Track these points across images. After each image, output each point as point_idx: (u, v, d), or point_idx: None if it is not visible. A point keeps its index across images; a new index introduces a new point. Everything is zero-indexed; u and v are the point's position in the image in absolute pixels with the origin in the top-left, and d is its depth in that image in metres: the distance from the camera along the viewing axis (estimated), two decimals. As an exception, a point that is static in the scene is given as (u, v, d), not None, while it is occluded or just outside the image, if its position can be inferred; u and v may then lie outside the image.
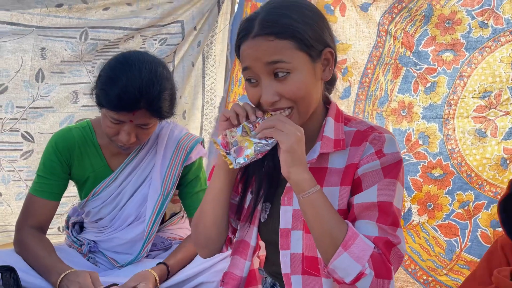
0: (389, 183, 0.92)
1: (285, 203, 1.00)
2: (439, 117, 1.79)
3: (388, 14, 1.86)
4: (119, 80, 1.24)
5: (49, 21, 1.93)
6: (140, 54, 1.34)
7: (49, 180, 1.43)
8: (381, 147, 0.93)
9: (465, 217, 1.75)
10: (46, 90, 2.00)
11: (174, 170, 1.46)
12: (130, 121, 1.29)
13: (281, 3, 0.93)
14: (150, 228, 1.45)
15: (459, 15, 1.73)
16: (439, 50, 1.78)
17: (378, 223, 0.90)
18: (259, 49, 0.89)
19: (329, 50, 0.94)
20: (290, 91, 0.90)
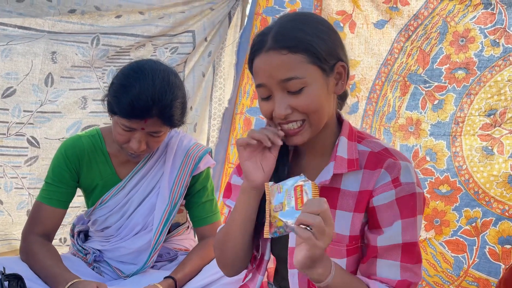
0: (410, 223, 0.92)
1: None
2: (447, 135, 1.82)
3: (405, 31, 1.90)
4: (132, 87, 1.24)
5: (61, 26, 1.92)
6: (153, 63, 1.35)
7: (58, 188, 1.42)
8: (398, 175, 0.92)
9: (473, 234, 1.76)
10: (54, 95, 1.97)
11: (183, 180, 1.46)
12: (141, 129, 1.29)
13: (294, 18, 0.94)
14: (157, 237, 1.44)
15: (473, 33, 1.78)
16: (453, 68, 1.83)
17: (403, 262, 0.92)
18: (272, 64, 0.89)
19: (341, 64, 0.94)
20: (303, 104, 0.90)
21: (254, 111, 2.19)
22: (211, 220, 1.51)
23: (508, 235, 1.70)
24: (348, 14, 2.02)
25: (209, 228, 1.50)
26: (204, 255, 1.44)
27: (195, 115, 2.26)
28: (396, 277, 0.91)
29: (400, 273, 0.91)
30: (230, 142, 2.26)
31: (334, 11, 2.03)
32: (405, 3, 1.88)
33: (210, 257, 1.43)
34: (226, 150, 2.25)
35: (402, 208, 0.92)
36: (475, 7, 1.76)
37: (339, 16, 2.03)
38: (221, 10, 2.22)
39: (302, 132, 0.93)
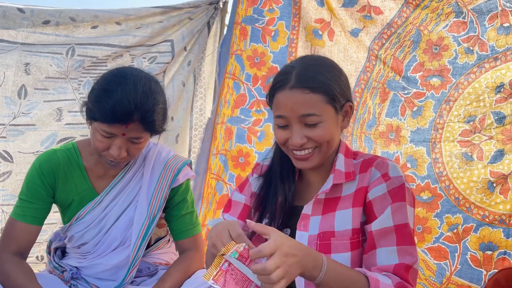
0: (399, 206, 1.02)
1: (301, 229, 1.09)
2: (427, 141, 1.83)
3: (378, 40, 1.91)
4: (114, 92, 1.23)
5: (35, 38, 1.88)
6: (135, 70, 1.34)
7: (32, 204, 1.37)
8: (386, 170, 1.06)
9: (455, 240, 1.76)
10: (28, 107, 1.92)
11: (161, 193, 1.43)
12: (122, 135, 1.26)
13: (315, 61, 1.10)
14: (135, 253, 1.40)
15: (446, 41, 1.80)
16: (427, 76, 1.84)
17: (399, 245, 1.00)
18: (295, 101, 1.03)
19: (349, 104, 1.10)
20: (317, 136, 1.05)
21: (235, 120, 2.17)
22: (191, 232, 1.48)
23: (489, 241, 1.70)
24: (327, 22, 2.02)
25: (190, 241, 1.47)
26: (185, 269, 1.40)
27: (176, 126, 2.23)
28: (394, 261, 0.99)
29: (397, 257, 0.99)
30: (211, 152, 2.23)
31: (313, 19, 2.04)
32: (379, 12, 1.89)
33: (191, 271, 1.40)
34: (207, 161, 2.22)
35: (393, 196, 1.03)
36: (446, 16, 1.78)
37: (318, 24, 2.03)
38: (199, 20, 2.20)
39: (312, 158, 1.08)
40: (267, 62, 2.13)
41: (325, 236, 1.06)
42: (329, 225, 1.07)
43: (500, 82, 1.71)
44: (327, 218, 1.08)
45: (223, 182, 2.18)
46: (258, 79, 2.14)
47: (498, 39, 1.71)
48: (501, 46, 1.71)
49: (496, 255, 1.68)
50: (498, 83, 1.71)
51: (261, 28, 2.14)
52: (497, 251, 1.68)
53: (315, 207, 1.10)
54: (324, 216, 1.08)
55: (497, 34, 1.71)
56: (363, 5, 1.92)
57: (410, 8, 1.84)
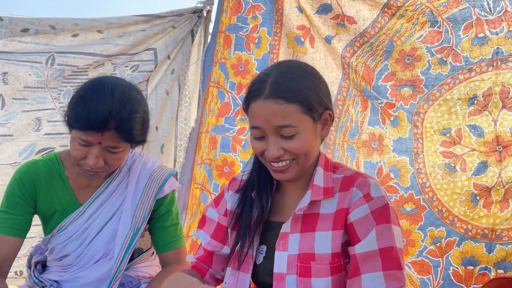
0: (384, 228, 0.97)
1: (280, 249, 1.05)
2: (409, 151, 1.78)
3: (350, 47, 1.88)
4: (90, 99, 1.22)
5: (13, 46, 1.88)
6: (115, 78, 1.33)
7: (13, 215, 1.35)
8: (368, 191, 1.01)
9: (438, 254, 1.71)
10: (6, 118, 1.92)
11: (146, 204, 1.40)
12: (98, 143, 1.24)
13: (290, 68, 1.04)
14: (118, 265, 1.36)
15: (419, 52, 1.75)
16: (399, 85, 1.80)
17: (385, 271, 0.95)
18: (270, 111, 0.99)
19: (328, 113, 1.05)
20: (294, 148, 1.00)
21: (220, 129, 2.14)
22: (175, 245, 1.44)
23: (471, 256, 1.64)
24: (307, 29, 1.99)
25: (173, 253, 1.43)
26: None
27: (161, 136, 2.21)
28: (381, 286, 0.94)
29: (384, 282, 0.94)
30: (195, 162, 2.21)
31: (295, 25, 2.01)
32: (352, 21, 1.86)
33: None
34: (192, 171, 2.19)
35: (376, 218, 0.98)
36: (422, 25, 1.74)
37: (300, 31, 2.01)
38: (183, 28, 2.19)
39: (290, 170, 1.03)
40: (251, 70, 2.11)
41: (305, 258, 1.02)
42: (309, 246, 1.02)
43: (473, 94, 1.66)
44: (307, 238, 1.03)
45: (208, 192, 2.15)
46: (243, 87, 2.11)
47: (472, 50, 1.66)
48: (475, 57, 1.66)
49: (477, 271, 1.62)
50: (471, 95, 1.66)
51: (245, 36, 2.11)
52: (479, 266, 1.62)
53: (294, 224, 1.06)
54: (303, 235, 1.04)
55: (471, 45, 1.67)
56: (337, 13, 1.88)
57: (385, 18, 1.80)
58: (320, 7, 1.90)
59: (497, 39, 1.62)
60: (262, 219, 1.09)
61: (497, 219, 1.60)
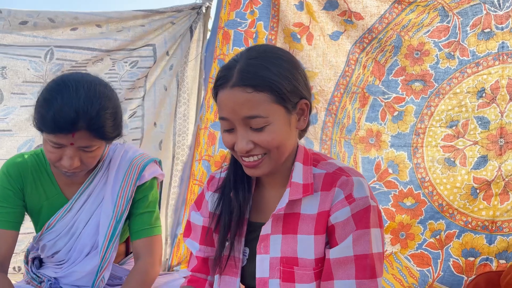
0: (362, 234, 0.92)
1: (261, 252, 0.99)
2: (408, 146, 1.82)
3: (359, 43, 1.90)
4: (54, 101, 1.17)
5: (12, 39, 1.84)
6: (79, 75, 1.28)
7: (4, 208, 1.33)
8: (351, 191, 0.94)
9: (437, 246, 1.74)
10: (4, 112, 1.88)
11: (127, 191, 1.37)
12: (70, 144, 1.20)
13: (260, 54, 0.94)
14: (103, 254, 1.35)
15: (427, 46, 1.79)
16: (409, 80, 1.83)
17: (357, 279, 0.91)
18: (237, 101, 0.90)
19: (304, 102, 0.96)
20: (264, 141, 0.92)
21: (219, 125, 2.14)
22: (147, 233, 1.38)
23: (471, 247, 1.68)
24: (305, 26, 2.01)
25: (144, 242, 1.37)
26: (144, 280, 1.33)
27: (160, 131, 2.20)
28: None
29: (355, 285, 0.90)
30: (194, 158, 2.20)
31: (291, 22, 2.02)
32: (359, 17, 1.88)
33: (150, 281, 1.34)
34: (190, 167, 2.19)
35: (357, 222, 0.93)
36: (431, 20, 1.78)
37: (296, 28, 2.02)
38: (182, 24, 2.18)
39: (262, 165, 0.95)
40: (250, 66, 2.11)
41: (288, 262, 0.97)
42: (291, 250, 0.97)
43: (481, 87, 1.70)
44: (289, 240, 0.97)
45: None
46: (242, 84, 2.12)
47: (478, 45, 1.71)
48: (481, 52, 1.70)
49: (478, 261, 1.67)
50: (479, 88, 1.71)
51: (243, 31, 2.12)
52: (479, 258, 1.66)
53: (275, 225, 0.99)
54: (285, 236, 0.98)
55: (477, 39, 1.71)
56: (343, 10, 1.91)
57: (393, 14, 1.83)
58: (327, 3, 1.92)
59: (502, 34, 1.67)
60: (241, 220, 1.02)
61: (497, 211, 1.64)
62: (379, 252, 0.93)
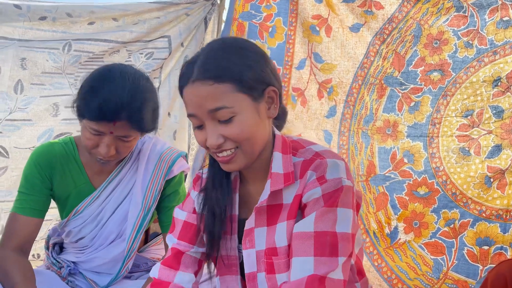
0: (327, 211, 0.89)
1: (247, 246, 0.98)
2: (424, 136, 1.83)
3: (380, 35, 1.91)
4: (101, 90, 1.22)
5: (32, 34, 1.88)
6: (124, 66, 1.32)
7: (31, 196, 1.36)
8: (323, 173, 0.91)
9: (451, 235, 1.76)
10: (24, 102, 1.92)
11: (156, 184, 1.42)
12: (110, 133, 1.25)
13: (219, 46, 0.93)
14: (130, 244, 1.39)
15: (446, 35, 1.79)
16: (428, 70, 1.83)
17: (316, 256, 0.87)
18: (199, 95, 0.89)
19: (272, 89, 0.94)
20: (233, 133, 0.90)
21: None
22: None
23: (485, 236, 1.69)
24: (324, 18, 2.02)
25: None
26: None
27: (174, 122, 2.23)
28: (310, 272, 0.86)
29: (313, 267, 0.86)
30: (208, 148, 2.23)
31: (310, 15, 2.04)
32: (379, 7, 1.89)
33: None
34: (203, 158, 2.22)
35: (325, 200, 0.90)
36: (447, 10, 1.78)
37: (315, 20, 2.03)
38: (197, 15, 2.20)
39: (235, 159, 0.93)
40: (264, 58, 2.13)
41: (269, 253, 0.95)
42: (272, 241, 0.95)
43: (497, 76, 1.70)
44: (271, 231, 0.95)
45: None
46: (255, 75, 2.13)
47: (497, 33, 1.71)
48: (499, 40, 1.70)
49: (493, 250, 1.67)
50: (496, 77, 1.71)
51: (258, 24, 2.14)
52: (494, 246, 1.67)
53: (258, 218, 0.97)
54: (269, 228, 0.96)
55: (496, 28, 1.71)
56: (363, 1, 1.91)
57: (410, 2, 1.84)
58: (347, -5, 1.93)
59: (520, 23, 1.67)
60: (225, 219, 1.00)
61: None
62: (345, 232, 0.89)
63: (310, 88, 2.07)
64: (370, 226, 1.88)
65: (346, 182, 0.91)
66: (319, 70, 2.04)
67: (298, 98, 2.09)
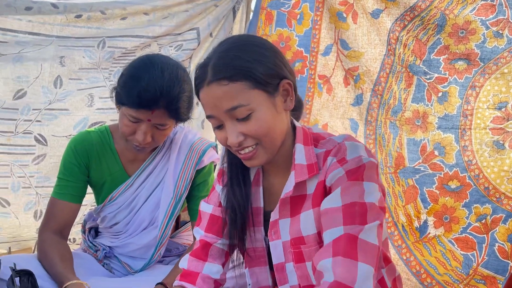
0: (353, 184, 0.90)
1: (273, 238, 1.01)
2: (455, 128, 1.74)
3: (400, 21, 1.83)
4: (141, 78, 1.25)
5: (69, 31, 1.98)
6: (163, 57, 1.36)
7: (69, 182, 1.43)
8: (343, 155, 0.93)
9: (482, 231, 1.69)
10: (63, 95, 2.03)
11: (187, 174, 1.46)
12: (148, 120, 1.29)
13: (231, 45, 0.94)
14: (162, 231, 1.44)
15: (473, 25, 1.69)
16: (452, 59, 1.74)
17: (345, 225, 0.87)
18: (215, 96, 0.90)
19: (286, 82, 0.95)
20: (252, 130, 0.91)
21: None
22: None
23: (517, 233, 1.62)
24: (350, 4, 1.96)
25: None
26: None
27: (202, 111, 2.27)
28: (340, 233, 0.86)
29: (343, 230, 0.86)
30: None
31: (337, 1, 1.98)
32: None
33: None
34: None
35: (349, 176, 0.91)
36: None
37: (342, 6, 1.97)
38: (225, 6, 2.21)
39: (257, 155, 0.94)
40: (293, 47, 2.11)
41: (296, 243, 0.97)
42: (297, 230, 0.97)
43: None
44: (294, 221, 0.97)
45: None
46: (284, 65, 2.12)
47: None
48: (531, 30, 1.58)
49: (525, 248, 1.60)
50: (529, 68, 1.60)
51: (286, 12, 2.11)
52: (526, 244, 1.59)
53: (282, 209, 0.99)
54: (292, 219, 0.98)
55: None
56: None
57: None
58: (368, -20, 1.86)
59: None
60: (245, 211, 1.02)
61: (547, 196, 1.56)
62: (373, 202, 0.88)
63: (336, 74, 2.03)
64: (398, 219, 1.84)
65: (368, 159, 0.92)
66: (345, 57, 1.99)
67: (324, 86, 2.05)
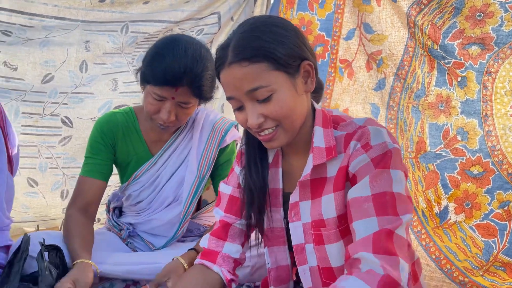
0: (381, 173, 0.89)
1: (293, 219, 1.01)
2: (478, 113, 1.70)
3: (416, 5, 1.78)
4: (166, 56, 1.28)
5: (93, 15, 2.03)
6: (187, 37, 1.39)
7: (96, 160, 1.47)
8: (367, 140, 0.92)
9: (505, 218, 1.65)
10: (88, 79, 2.09)
11: (210, 153, 1.49)
12: (172, 98, 1.32)
13: (251, 26, 0.93)
14: (186, 208, 1.48)
15: (492, 8, 1.62)
16: (466, 44, 1.69)
17: (378, 216, 0.87)
18: (236, 77, 0.90)
19: (307, 63, 0.94)
20: (273, 111, 0.91)
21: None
22: None
23: (541, 220, 1.58)
24: (374, -14, 1.92)
25: None
26: None
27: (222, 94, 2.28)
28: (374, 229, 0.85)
29: (378, 225, 0.85)
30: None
31: (360, -16, 1.95)
32: None
33: None
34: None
35: (375, 164, 0.90)
36: None
37: (365, -12, 1.94)
38: (247, -11, 2.21)
39: (277, 137, 0.95)
40: (314, 30, 2.09)
41: (316, 225, 0.98)
42: (318, 213, 0.97)
43: None
44: (316, 204, 0.98)
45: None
46: (305, 49, 2.10)
47: None
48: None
49: (547, 236, 1.56)
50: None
51: (308, -5, 2.09)
52: (549, 231, 1.55)
53: (302, 191, 0.99)
54: (313, 201, 0.98)
55: None
56: None
57: None
58: (385, -37, 1.81)
59: None
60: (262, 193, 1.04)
61: None
62: (401, 192, 0.88)
63: (358, 59, 2.00)
64: (418, 205, 1.82)
65: (393, 145, 0.91)
66: (368, 41, 1.96)
67: (345, 70, 2.03)
